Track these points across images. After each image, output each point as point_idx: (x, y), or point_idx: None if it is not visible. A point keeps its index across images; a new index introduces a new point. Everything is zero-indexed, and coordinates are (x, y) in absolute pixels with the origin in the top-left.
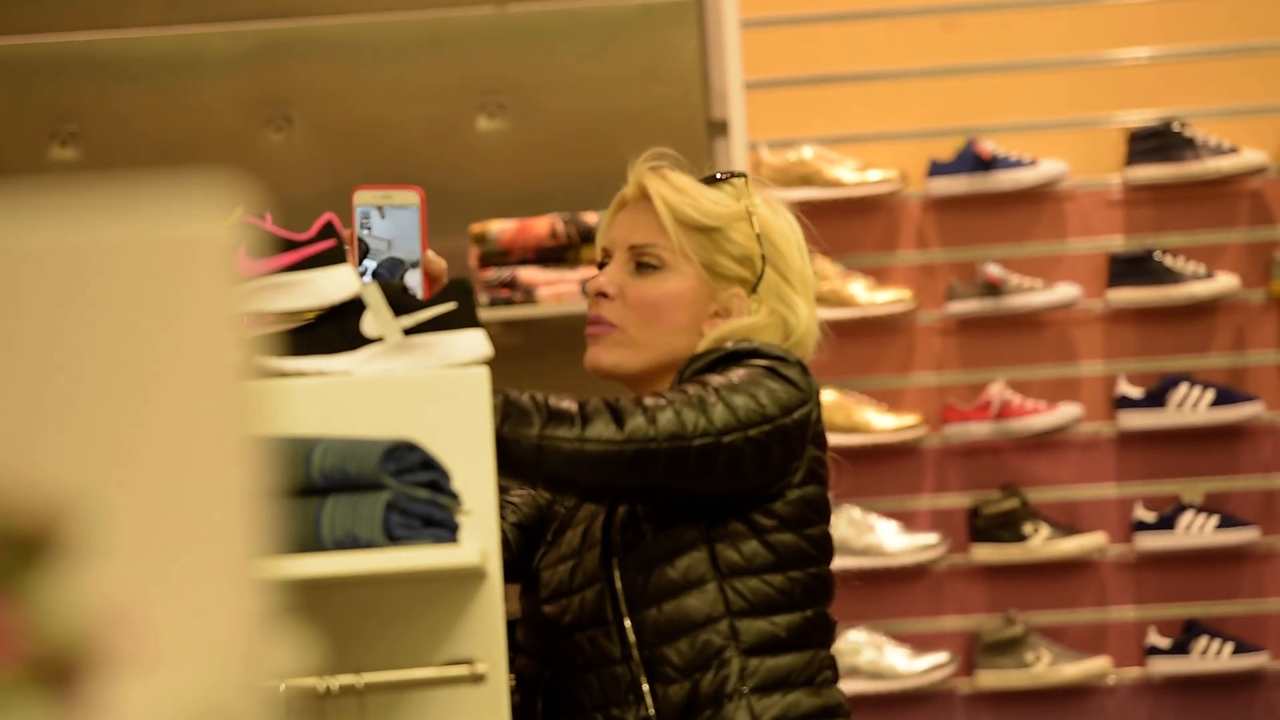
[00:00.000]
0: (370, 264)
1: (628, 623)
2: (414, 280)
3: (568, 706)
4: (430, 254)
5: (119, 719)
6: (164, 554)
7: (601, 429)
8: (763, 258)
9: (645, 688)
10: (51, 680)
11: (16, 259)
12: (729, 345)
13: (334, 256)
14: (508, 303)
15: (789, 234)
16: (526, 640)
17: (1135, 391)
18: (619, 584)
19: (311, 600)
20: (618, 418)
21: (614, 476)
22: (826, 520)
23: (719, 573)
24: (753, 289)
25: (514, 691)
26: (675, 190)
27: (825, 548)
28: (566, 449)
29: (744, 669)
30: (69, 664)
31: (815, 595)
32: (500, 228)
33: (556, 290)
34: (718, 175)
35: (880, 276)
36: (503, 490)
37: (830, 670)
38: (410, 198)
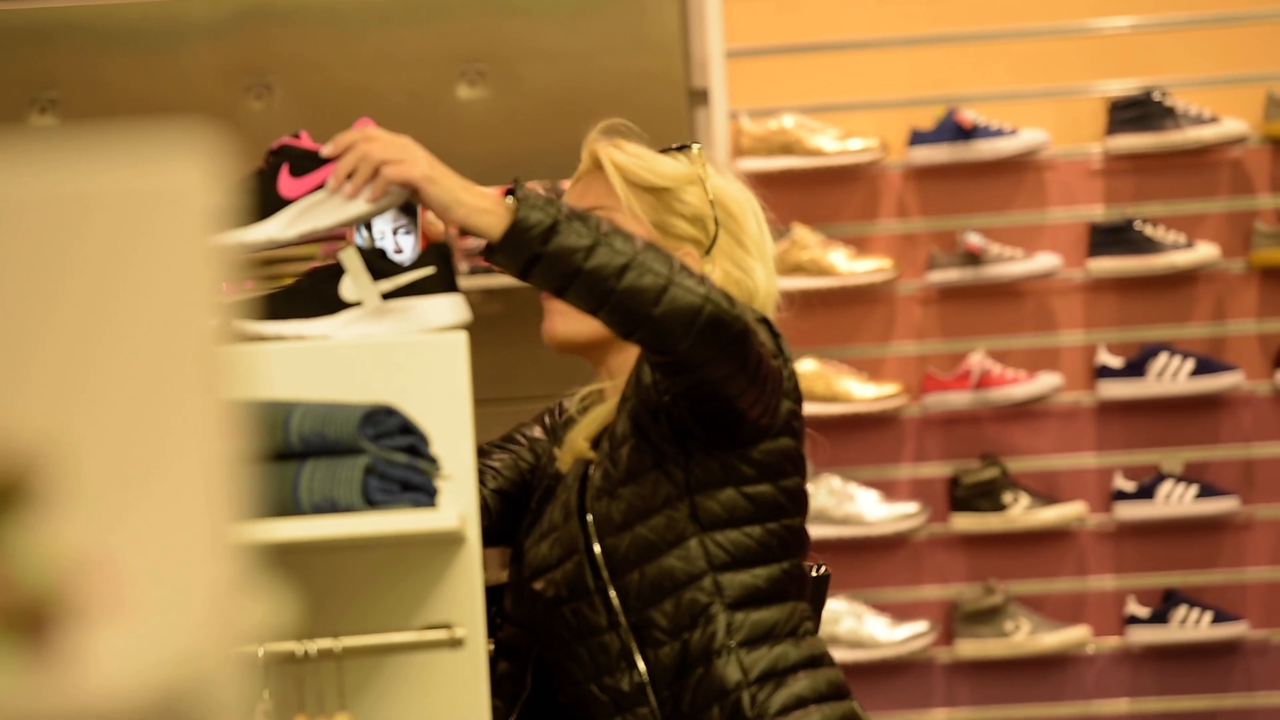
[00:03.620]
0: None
1: (611, 590)
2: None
3: (560, 680)
4: (430, 215)
5: (91, 668)
6: (137, 506)
7: (691, 281)
8: (715, 221)
9: (636, 653)
10: (24, 628)
11: None
12: None
13: None
14: (488, 270)
15: (743, 201)
16: (515, 611)
17: (1115, 361)
18: (598, 552)
19: (290, 564)
20: (700, 280)
21: (685, 332)
22: (801, 474)
23: (699, 525)
24: (706, 251)
25: (500, 660)
26: (624, 153)
27: (799, 500)
28: (654, 289)
29: (730, 623)
30: (41, 613)
31: (790, 548)
32: None
33: None
34: (672, 146)
35: (861, 246)
36: (483, 455)
37: (810, 622)
38: None
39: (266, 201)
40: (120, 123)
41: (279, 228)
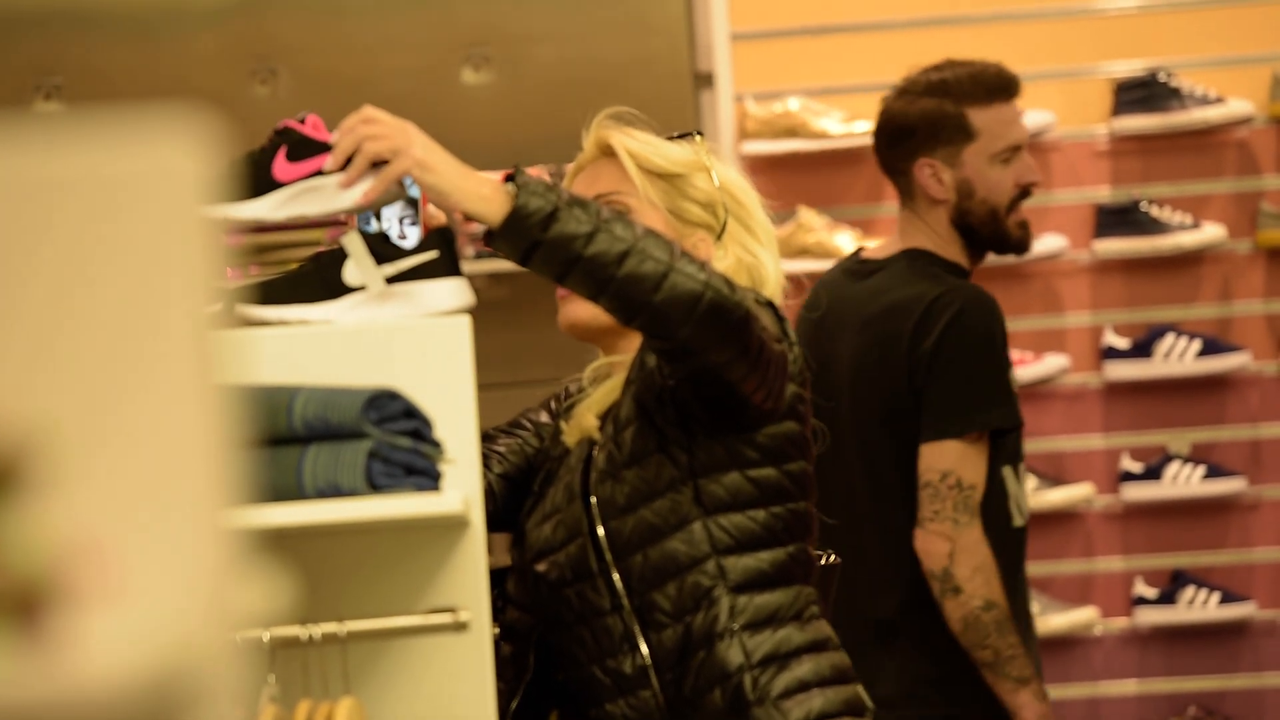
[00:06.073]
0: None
1: (614, 573)
2: (391, 215)
3: (562, 662)
4: (431, 208)
5: (83, 653)
6: (131, 490)
7: (691, 268)
8: (724, 207)
9: (639, 636)
10: (16, 613)
11: None
12: None
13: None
14: (492, 255)
15: (749, 189)
16: (518, 593)
17: (1122, 342)
18: (602, 535)
19: (294, 549)
20: (701, 266)
21: (686, 319)
22: (806, 457)
23: (703, 509)
24: (717, 237)
25: (504, 642)
26: (636, 140)
27: (804, 484)
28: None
29: (733, 607)
30: (34, 597)
31: (795, 532)
32: None
33: None
34: (673, 135)
35: (867, 228)
36: (487, 440)
37: (815, 605)
38: None
39: (259, 182)
40: (123, 108)
41: (268, 209)
